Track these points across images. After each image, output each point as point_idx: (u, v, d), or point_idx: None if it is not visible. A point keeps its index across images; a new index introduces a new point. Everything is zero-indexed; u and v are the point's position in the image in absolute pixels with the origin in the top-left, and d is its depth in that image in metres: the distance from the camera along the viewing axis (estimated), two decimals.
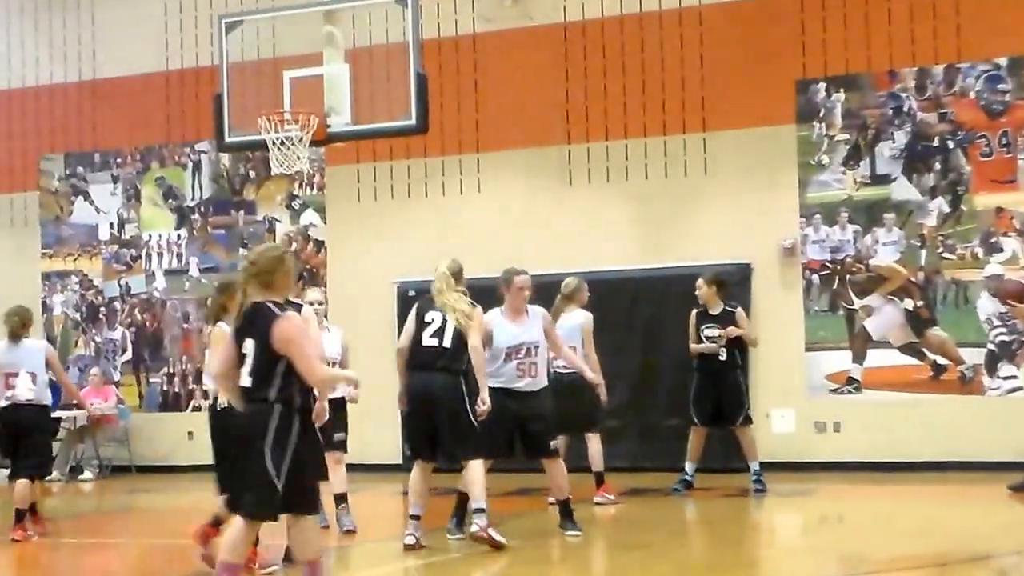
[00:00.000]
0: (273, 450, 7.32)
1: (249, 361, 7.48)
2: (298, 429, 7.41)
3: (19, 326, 12.19)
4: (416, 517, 10.30)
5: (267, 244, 8.47)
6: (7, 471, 18.76)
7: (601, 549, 11.03)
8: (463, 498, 10.76)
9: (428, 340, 10.20)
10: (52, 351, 12.76)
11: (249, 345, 7.50)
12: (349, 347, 11.67)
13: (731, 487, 13.98)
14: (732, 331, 13.47)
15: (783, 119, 16.17)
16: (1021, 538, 10.90)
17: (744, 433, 13.65)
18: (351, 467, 11.75)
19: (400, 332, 11.16)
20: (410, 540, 10.25)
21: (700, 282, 13.77)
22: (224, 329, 8.87)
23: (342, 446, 11.28)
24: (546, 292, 16.78)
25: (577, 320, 12.83)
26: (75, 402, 15.89)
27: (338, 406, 10.90)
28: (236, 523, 7.66)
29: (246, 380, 7.51)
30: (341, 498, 11.37)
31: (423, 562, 10.03)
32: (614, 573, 9.74)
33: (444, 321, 10.17)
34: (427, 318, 10.26)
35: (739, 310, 13.79)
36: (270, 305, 7.52)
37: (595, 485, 13.08)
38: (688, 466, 13.71)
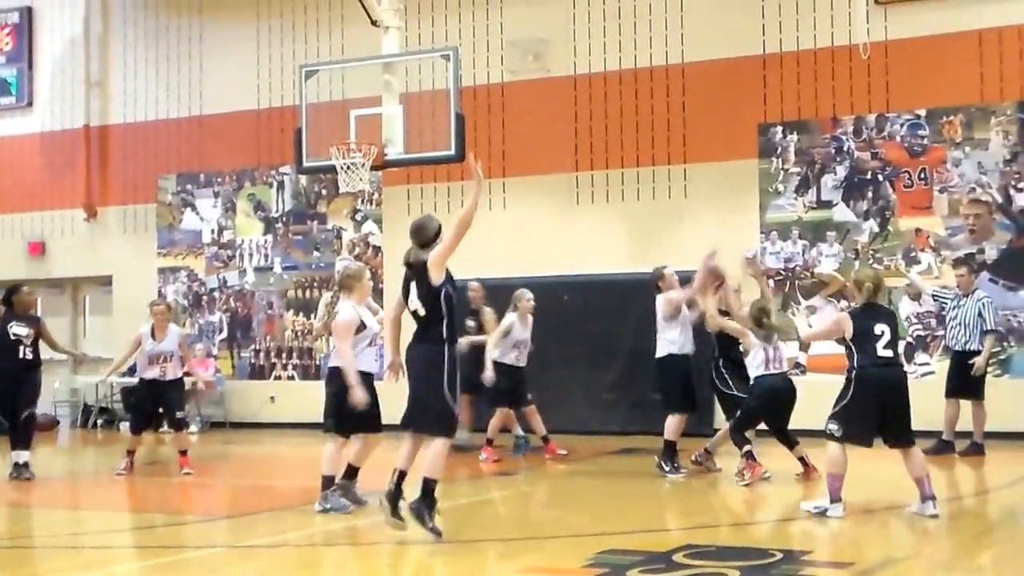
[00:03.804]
0: None
1: (887, 338, 8.89)
2: None
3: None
4: None
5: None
6: (127, 423, 19.06)
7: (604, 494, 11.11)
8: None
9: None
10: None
11: (884, 328, 8.90)
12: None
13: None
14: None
15: (747, 155, 16.20)
16: None
17: None
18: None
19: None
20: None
21: None
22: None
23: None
24: (552, 290, 16.95)
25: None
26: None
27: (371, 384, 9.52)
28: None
29: (887, 351, 8.90)
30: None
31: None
32: (612, 515, 9.79)
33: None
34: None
35: None
36: (883, 304, 9.55)
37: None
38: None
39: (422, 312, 8.15)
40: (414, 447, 8.19)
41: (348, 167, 13.48)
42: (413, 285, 8.29)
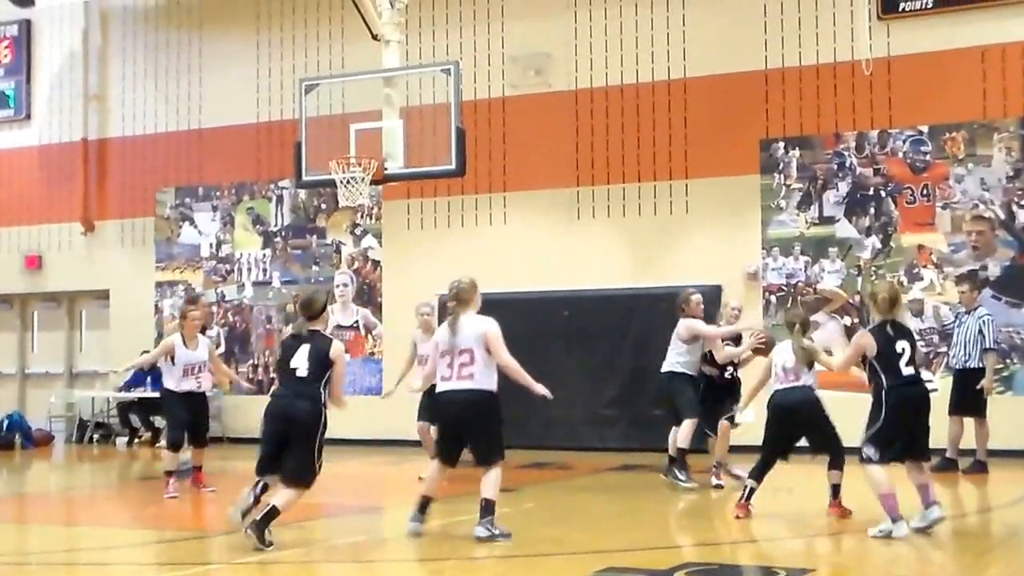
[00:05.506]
0: None
1: (908, 355, 8.75)
2: None
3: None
4: None
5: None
6: (125, 439, 19.03)
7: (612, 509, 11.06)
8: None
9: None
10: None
11: (905, 345, 8.78)
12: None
13: (704, 465, 13.89)
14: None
15: (749, 170, 16.21)
16: None
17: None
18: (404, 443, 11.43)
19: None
20: None
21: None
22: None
23: None
24: (552, 306, 16.91)
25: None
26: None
27: None
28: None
29: (909, 369, 8.76)
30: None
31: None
32: (624, 524, 9.77)
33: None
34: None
35: None
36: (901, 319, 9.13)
37: None
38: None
39: (303, 373, 8.70)
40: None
41: (348, 181, 13.45)
42: (305, 349, 8.73)
